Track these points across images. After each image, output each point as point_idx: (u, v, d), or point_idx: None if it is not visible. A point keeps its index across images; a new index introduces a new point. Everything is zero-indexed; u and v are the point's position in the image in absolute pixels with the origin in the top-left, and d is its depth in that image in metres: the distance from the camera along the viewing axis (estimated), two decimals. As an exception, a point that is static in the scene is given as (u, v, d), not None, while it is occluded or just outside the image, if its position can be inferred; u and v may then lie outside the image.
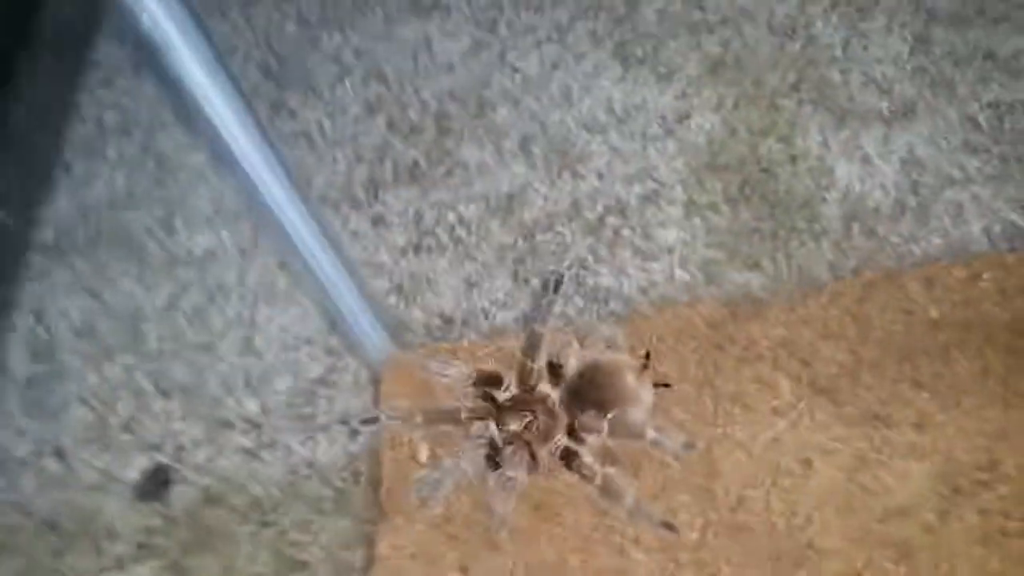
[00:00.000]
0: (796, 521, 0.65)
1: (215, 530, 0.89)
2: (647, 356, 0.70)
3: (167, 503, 0.92)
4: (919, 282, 0.73)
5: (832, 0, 1.07)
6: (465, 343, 0.81)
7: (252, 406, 0.95)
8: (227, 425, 0.95)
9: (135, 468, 0.95)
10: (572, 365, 0.70)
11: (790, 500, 0.66)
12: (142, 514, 0.92)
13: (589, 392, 0.69)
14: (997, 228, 0.88)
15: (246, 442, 0.94)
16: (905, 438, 0.66)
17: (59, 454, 0.97)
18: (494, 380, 0.70)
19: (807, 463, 0.68)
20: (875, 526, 0.64)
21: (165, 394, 0.98)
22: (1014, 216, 0.88)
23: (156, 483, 0.94)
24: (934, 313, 0.71)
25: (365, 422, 0.71)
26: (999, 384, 0.68)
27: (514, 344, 0.74)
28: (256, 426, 0.94)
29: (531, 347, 0.69)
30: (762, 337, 0.73)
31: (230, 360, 0.98)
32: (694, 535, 0.66)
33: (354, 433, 0.85)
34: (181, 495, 0.92)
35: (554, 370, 0.70)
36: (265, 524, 0.88)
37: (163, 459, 0.95)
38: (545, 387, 0.71)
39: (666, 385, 0.71)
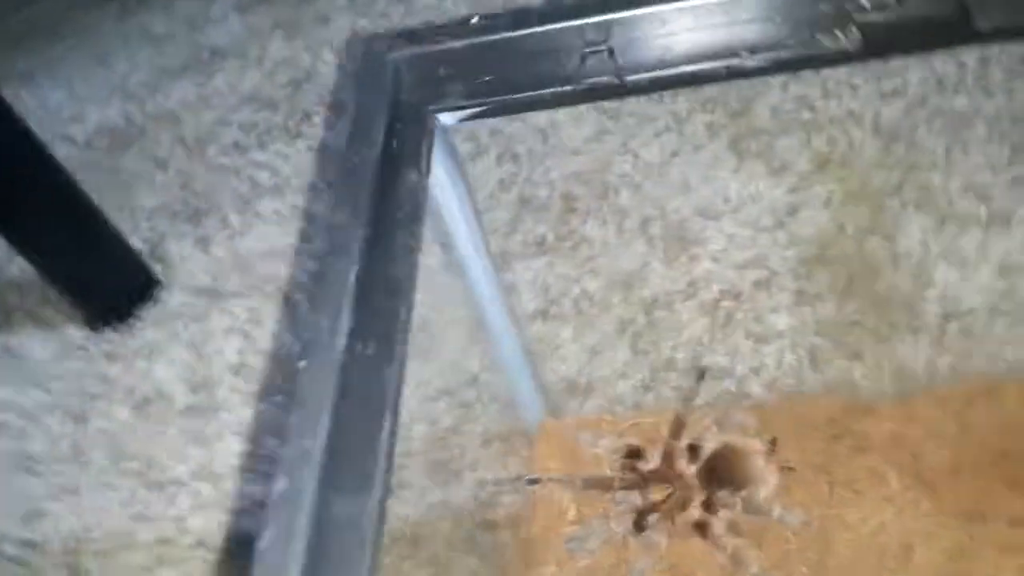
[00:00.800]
0: (898, 597, 0.74)
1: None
2: (773, 442, 0.81)
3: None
4: (1019, 393, 0.82)
5: (935, 108, 1.16)
6: (607, 417, 0.92)
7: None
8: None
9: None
10: (709, 447, 0.81)
11: (894, 578, 0.75)
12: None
13: (723, 471, 0.80)
14: (1089, 336, 0.96)
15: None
16: (999, 534, 0.75)
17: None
18: (639, 454, 0.82)
19: (909, 547, 0.77)
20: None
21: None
22: (1107, 325, 0.96)
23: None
24: (1032, 423, 0.79)
25: (532, 481, 0.82)
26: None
27: (650, 421, 0.85)
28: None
29: (676, 429, 0.81)
30: (874, 431, 0.82)
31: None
32: (808, 603, 0.75)
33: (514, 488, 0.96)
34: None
35: (693, 450, 0.81)
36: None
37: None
38: (683, 464, 0.81)
39: (790, 468, 0.81)
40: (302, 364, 0.42)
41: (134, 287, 1.26)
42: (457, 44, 0.54)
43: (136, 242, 1.32)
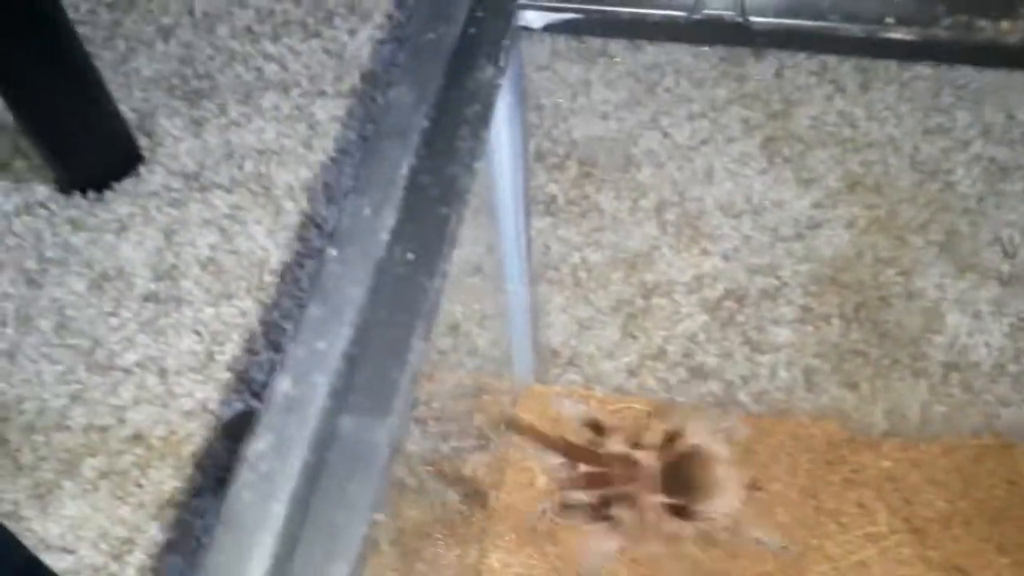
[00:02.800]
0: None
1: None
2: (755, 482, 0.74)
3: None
4: (1031, 458, 0.78)
5: (977, 153, 1.11)
6: (598, 393, 0.85)
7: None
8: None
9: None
10: (681, 445, 0.73)
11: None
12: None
13: (687, 475, 0.73)
14: (1087, 414, 0.92)
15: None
16: (979, 595, 0.71)
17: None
18: (602, 432, 0.74)
19: (885, 591, 0.72)
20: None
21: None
22: (1103, 407, 0.92)
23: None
24: (1035, 491, 0.75)
25: (512, 426, 0.74)
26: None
27: (638, 407, 0.79)
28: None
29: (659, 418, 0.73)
30: (872, 466, 0.77)
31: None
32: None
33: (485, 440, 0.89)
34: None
35: (664, 444, 0.73)
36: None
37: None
38: (648, 457, 0.74)
39: (758, 489, 0.75)
40: (332, 253, 0.35)
41: (115, 156, 1.16)
42: (563, -60, 0.46)
43: (125, 110, 1.21)
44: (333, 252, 0.35)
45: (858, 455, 0.78)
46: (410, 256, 0.36)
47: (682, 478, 0.74)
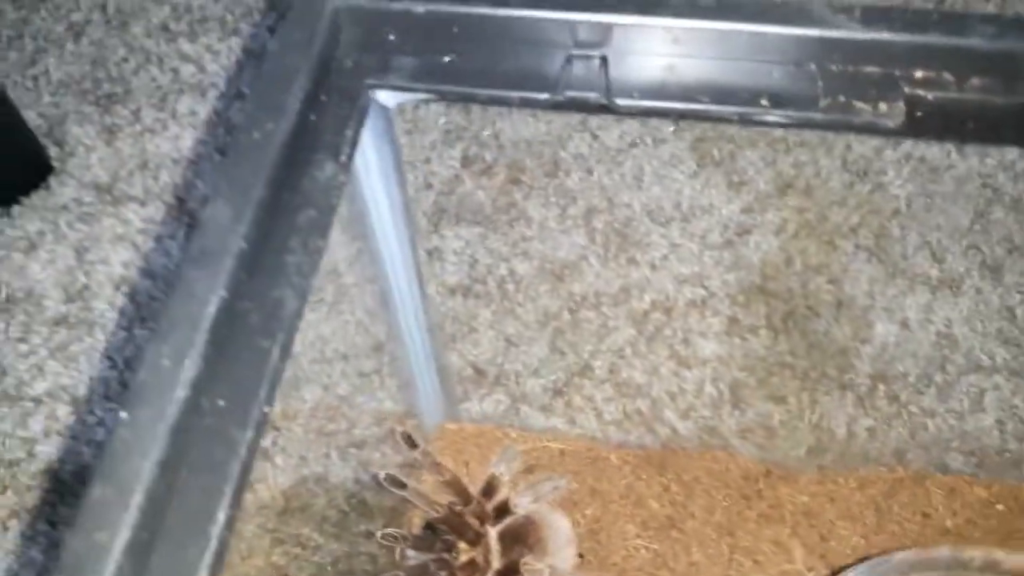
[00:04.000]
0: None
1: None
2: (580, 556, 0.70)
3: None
4: (943, 491, 0.75)
5: (908, 152, 1.08)
6: (512, 433, 0.82)
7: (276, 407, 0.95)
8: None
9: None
10: (515, 513, 0.68)
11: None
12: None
13: (522, 541, 0.69)
14: (1010, 425, 0.90)
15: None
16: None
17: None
18: (467, 497, 0.68)
19: (796, 627, 0.71)
20: None
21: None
22: (1028, 416, 0.91)
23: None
24: (949, 523, 0.73)
25: (395, 482, 0.70)
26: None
27: (556, 446, 0.75)
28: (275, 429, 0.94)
29: (488, 489, 0.68)
30: (788, 501, 0.74)
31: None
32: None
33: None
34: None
35: (499, 512, 0.68)
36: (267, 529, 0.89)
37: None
38: (488, 526, 0.69)
39: (580, 556, 0.72)
40: (123, 416, 0.30)
41: (23, 168, 1.09)
42: (419, 7, 0.41)
43: (33, 117, 1.14)
44: (123, 415, 0.30)
45: (775, 489, 0.75)
46: (220, 403, 0.32)
47: (519, 543, 0.69)
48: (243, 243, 0.33)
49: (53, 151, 1.12)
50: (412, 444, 0.70)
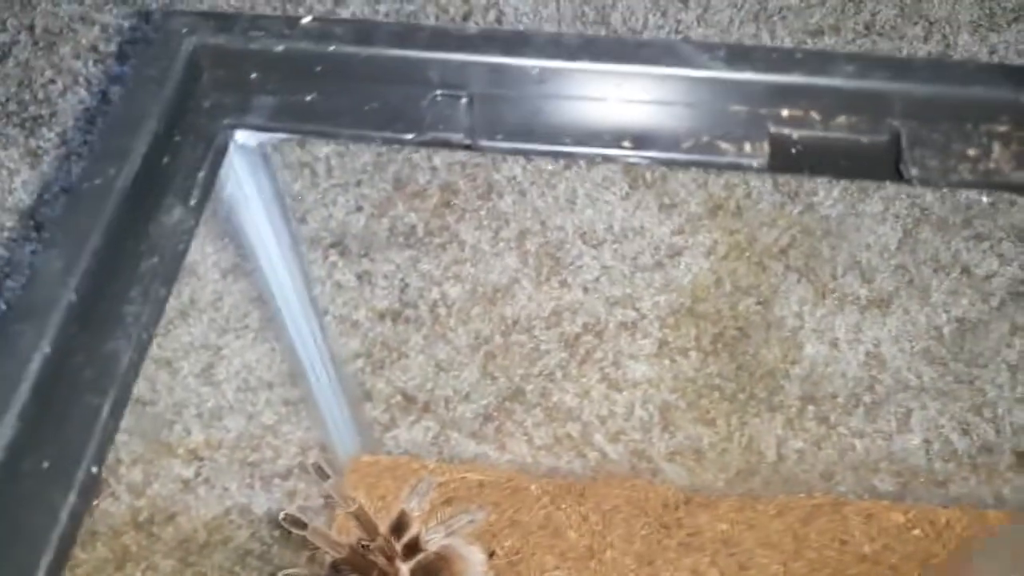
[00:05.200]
0: None
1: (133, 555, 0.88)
2: (491, 555, 0.69)
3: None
4: (860, 516, 0.75)
5: (839, 172, 1.08)
6: (431, 464, 0.80)
7: (199, 436, 0.93)
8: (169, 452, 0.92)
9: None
10: (428, 549, 0.66)
11: None
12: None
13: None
14: (936, 445, 0.90)
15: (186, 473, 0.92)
16: (812, 658, 0.68)
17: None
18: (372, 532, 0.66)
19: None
20: None
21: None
22: (954, 436, 0.91)
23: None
24: (867, 548, 0.73)
25: (295, 522, 0.67)
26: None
27: (475, 477, 0.74)
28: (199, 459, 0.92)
29: (399, 526, 0.66)
30: (708, 529, 0.74)
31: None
32: None
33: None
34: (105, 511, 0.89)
35: (411, 549, 0.66)
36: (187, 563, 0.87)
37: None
38: (399, 563, 0.67)
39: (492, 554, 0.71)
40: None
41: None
42: (278, 45, 0.40)
43: (-44, 141, 1.12)
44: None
45: (695, 517, 0.75)
46: (44, 465, 0.30)
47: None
48: (73, 295, 0.31)
49: (-25, 176, 1.09)
50: (324, 475, 0.68)
